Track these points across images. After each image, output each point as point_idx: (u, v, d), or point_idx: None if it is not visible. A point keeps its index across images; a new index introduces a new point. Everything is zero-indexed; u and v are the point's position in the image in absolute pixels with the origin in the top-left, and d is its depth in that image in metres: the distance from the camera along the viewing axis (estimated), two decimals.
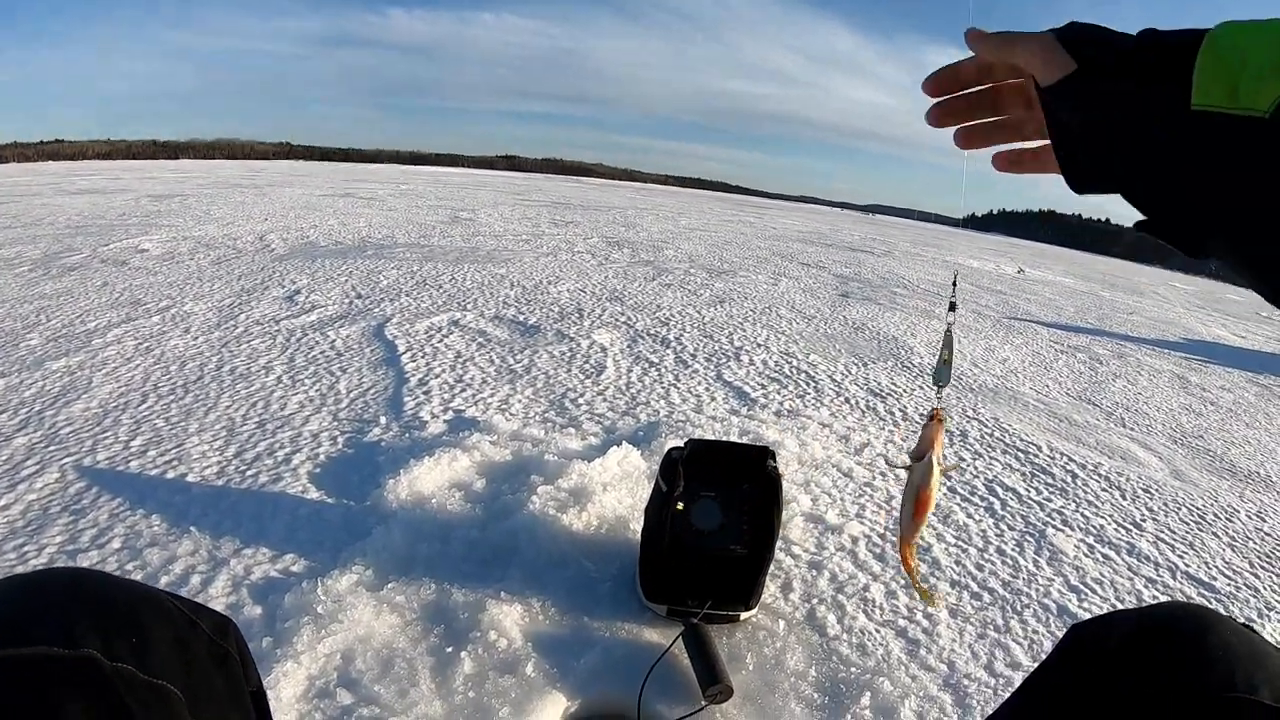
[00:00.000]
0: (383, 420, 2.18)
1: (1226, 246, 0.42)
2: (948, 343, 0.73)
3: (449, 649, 1.21)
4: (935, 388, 0.73)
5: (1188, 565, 1.86)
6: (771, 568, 1.40)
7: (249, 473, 1.80)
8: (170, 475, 1.76)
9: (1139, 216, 0.45)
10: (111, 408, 2.14)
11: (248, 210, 8.29)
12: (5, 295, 3.53)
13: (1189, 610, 0.61)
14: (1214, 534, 2.07)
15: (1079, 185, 0.47)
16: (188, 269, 4.44)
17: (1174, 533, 2.04)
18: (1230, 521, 2.18)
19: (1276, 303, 0.41)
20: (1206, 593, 1.75)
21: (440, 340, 3.11)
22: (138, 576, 1.34)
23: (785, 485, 1.38)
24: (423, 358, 2.83)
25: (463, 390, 2.50)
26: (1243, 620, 0.62)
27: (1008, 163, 0.56)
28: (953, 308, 0.72)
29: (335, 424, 2.13)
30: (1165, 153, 0.41)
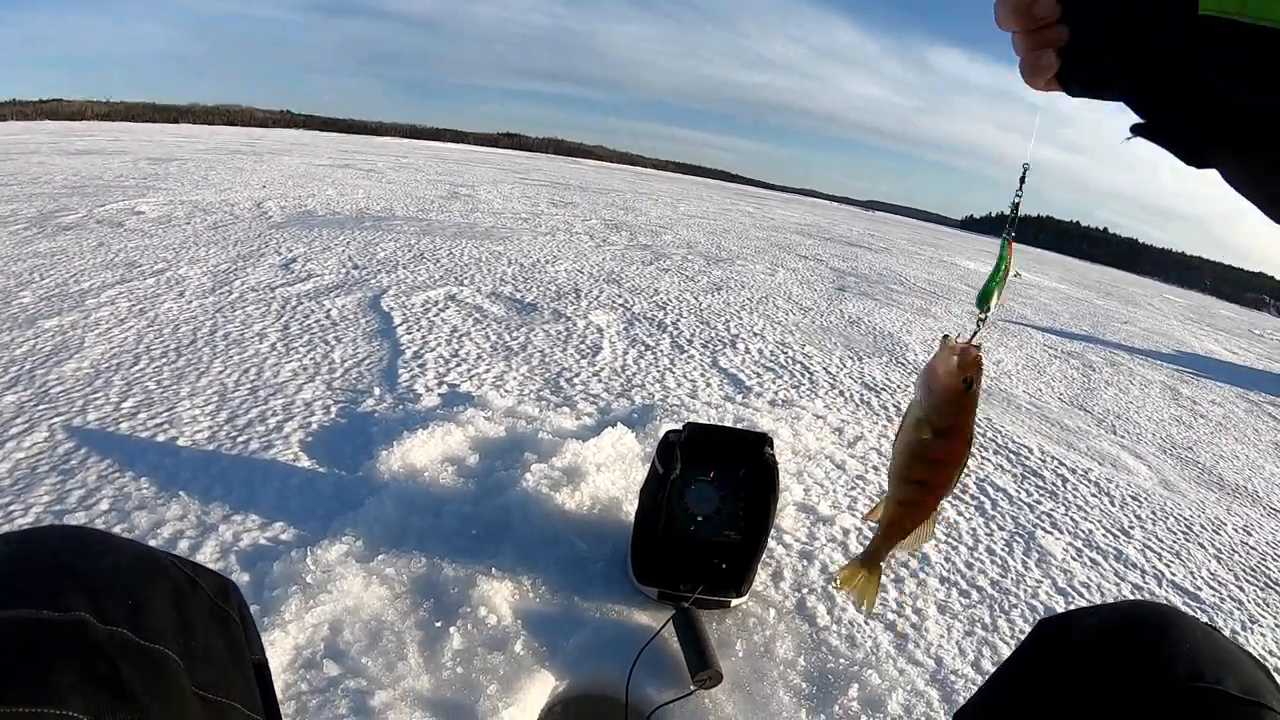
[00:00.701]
0: (376, 391, 2.17)
1: (1227, 156, 0.41)
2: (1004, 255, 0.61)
3: (438, 623, 1.20)
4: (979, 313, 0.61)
5: (1174, 574, 1.87)
6: (763, 555, 1.40)
7: (240, 439, 1.78)
8: (160, 438, 1.74)
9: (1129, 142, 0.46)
10: (103, 368, 2.12)
11: (246, 177, 8.20)
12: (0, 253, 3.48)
13: (1154, 607, 0.63)
14: (1200, 545, 2.09)
15: (1071, 83, 0.47)
16: (184, 233, 4.40)
17: (1161, 541, 2.05)
18: (1217, 533, 2.20)
19: (1276, 218, 0.41)
20: (1192, 602, 1.76)
21: (436, 314, 3.09)
22: None
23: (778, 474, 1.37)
24: (418, 330, 2.81)
25: (458, 365, 2.48)
26: (1205, 621, 0.63)
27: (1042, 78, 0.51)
28: (1014, 213, 0.60)
29: (329, 393, 2.12)
30: (1172, 53, 0.41)
